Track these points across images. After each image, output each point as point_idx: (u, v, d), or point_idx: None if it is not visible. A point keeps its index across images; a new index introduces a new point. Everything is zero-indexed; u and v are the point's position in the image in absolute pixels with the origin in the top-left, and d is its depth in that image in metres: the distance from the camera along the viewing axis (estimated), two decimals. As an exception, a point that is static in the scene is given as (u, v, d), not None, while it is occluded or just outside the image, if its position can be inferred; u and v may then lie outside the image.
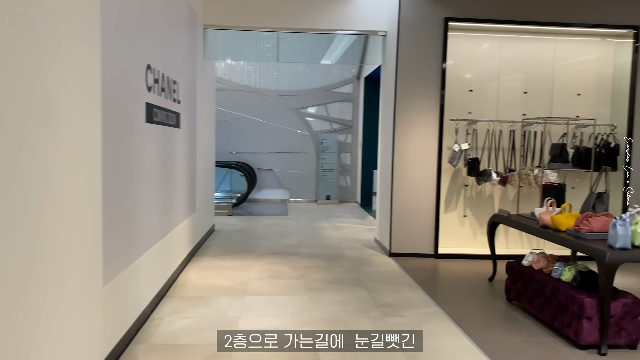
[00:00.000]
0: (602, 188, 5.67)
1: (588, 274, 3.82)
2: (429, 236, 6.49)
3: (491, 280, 5.40)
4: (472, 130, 6.60)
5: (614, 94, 6.70)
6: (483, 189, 6.76)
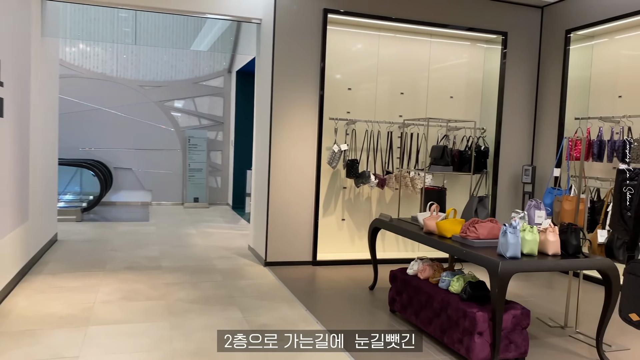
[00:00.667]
0: (480, 191, 5.69)
1: (477, 285, 3.61)
2: (308, 242, 6.04)
3: (372, 289, 5.09)
4: (352, 131, 6.29)
5: (484, 99, 6.84)
6: (361, 191, 6.50)
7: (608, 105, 6.00)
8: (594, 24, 6.01)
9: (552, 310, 4.55)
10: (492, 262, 3.29)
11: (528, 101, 6.78)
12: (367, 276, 5.52)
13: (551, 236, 3.49)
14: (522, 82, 6.72)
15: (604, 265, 3.47)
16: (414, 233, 4.31)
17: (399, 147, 6.49)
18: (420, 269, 4.13)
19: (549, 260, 3.39)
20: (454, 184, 6.77)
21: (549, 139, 6.56)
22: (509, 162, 6.71)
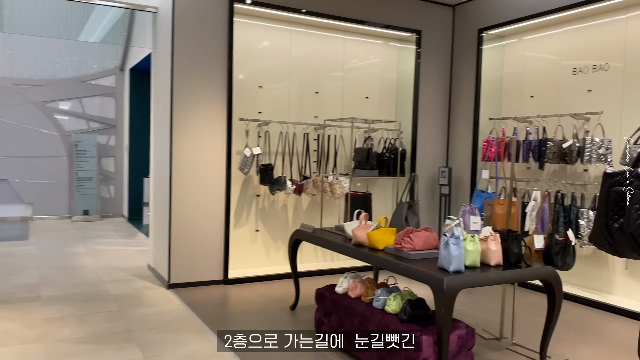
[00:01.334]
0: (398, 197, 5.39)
1: (417, 303, 3.23)
2: (218, 258, 5.39)
3: (294, 309, 4.58)
4: (264, 133, 5.74)
5: (399, 99, 6.60)
6: (276, 199, 5.96)
7: (521, 106, 6.00)
8: (504, 23, 5.98)
9: (484, 319, 4.33)
10: (435, 278, 2.92)
11: (442, 102, 6.65)
12: (286, 293, 5.01)
13: (493, 245, 3.20)
14: (437, 82, 6.58)
15: (547, 274, 3.24)
16: (341, 245, 3.86)
17: (315, 150, 6.05)
18: (350, 286, 3.69)
19: (494, 273, 3.10)
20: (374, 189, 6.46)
21: (464, 140, 6.47)
22: (425, 164, 6.53)
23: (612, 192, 2.00)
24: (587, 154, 4.93)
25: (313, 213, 6.15)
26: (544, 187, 5.42)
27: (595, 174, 5.21)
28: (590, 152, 4.92)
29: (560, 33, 5.59)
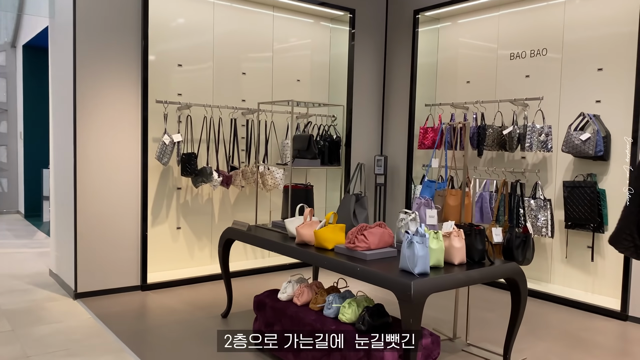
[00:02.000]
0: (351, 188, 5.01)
1: (376, 311, 2.84)
2: (134, 261, 4.72)
3: (226, 316, 4.05)
4: (186, 118, 5.10)
5: (332, 83, 6.20)
6: (200, 192, 5.35)
7: (456, 91, 5.82)
8: (440, 5, 5.74)
9: (434, 318, 4.05)
10: (401, 283, 2.54)
11: (377, 87, 6.33)
12: (216, 298, 4.47)
13: (457, 242, 2.88)
14: (371, 66, 6.25)
15: (513, 272, 2.98)
16: (282, 246, 3.39)
17: (244, 137, 5.49)
18: (296, 292, 3.23)
19: (461, 273, 2.77)
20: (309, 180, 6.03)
21: (400, 127, 6.20)
22: (360, 152, 6.19)
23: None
24: (528, 141, 4.81)
25: (242, 207, 5.61)
26: (482, 175, 5.27)
27: (534, 162, 5.12)
28: (531, 139, 4.80)
29: (497, 17, 5.44)
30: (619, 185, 4.50)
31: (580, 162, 4.76)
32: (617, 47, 4.51)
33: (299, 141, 3.98)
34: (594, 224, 4.50)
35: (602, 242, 4.60)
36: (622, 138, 4.48)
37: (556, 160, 4.94)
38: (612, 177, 4.56)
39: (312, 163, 3.90)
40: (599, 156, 4.47)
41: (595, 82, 4.67)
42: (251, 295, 4.56)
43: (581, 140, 4.47)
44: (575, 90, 4.80)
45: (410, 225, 3.19)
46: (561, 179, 4.88)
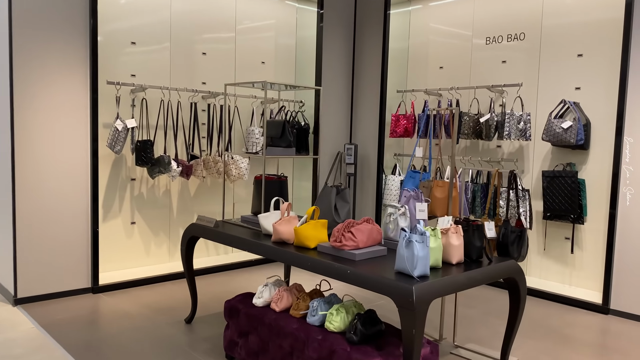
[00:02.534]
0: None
1: (368, 318, 2.53)
2: (83, 260, 4.23)
3: (189, 322, 3.66)
4: (141, 101, 4.61)
5: (299, 68, 5.82)
6: (157, 183, 4.89)
7: (429, 77, 5.57)
8: (412, -14, 5.47)
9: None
10: (401, 289, 2.24)
11: (346, 71, 6.01)
12: (177, 300, 4.07)
13: (455, 239, 2.61)
14: (340, 49, 5.91)
15: (513, 270, 2.75)
16: (257, 244, 3.02)
17: (204, 123, 5.05)
18: (274, 297, 2.88)
19: (462, 275, 2.50)
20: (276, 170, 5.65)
21: (370, 114, 5.91)
22: (329, 140, 5.87)
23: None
24: (507, 129, 4.62)
25: (203, 200, 5.19)
26: (457, 165, 5.07)
27: (510, 150, 4.95)
28: (509, 127, 4.61)
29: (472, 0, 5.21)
30: (599, 175, 4.38)
31: (558, 151, 4.62)
32: (598, 33, 4.37)
33: (271, 128, 3.61)
34: (573, 215, 4.37)
35: (581, 233, 4.49)
36: (602, 126, 4.36)
37: (533, 149, 4.79)
38: (591, 166, 4.44)
39: (287, 152, 3.55)
40: (579, 145, 4.33)
41: (575, 69, 4.52)
42: (216, 296, 4.20)
43: (562, 129, 4.31)
44: (554, 76, 4.64)
45: (400, 220, 2.91)
46: (538, 168, 4.73)
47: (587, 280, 4.47)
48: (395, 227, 2.92)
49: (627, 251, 4.07)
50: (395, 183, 5.39)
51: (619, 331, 3.79)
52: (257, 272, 5.09)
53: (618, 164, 4.08)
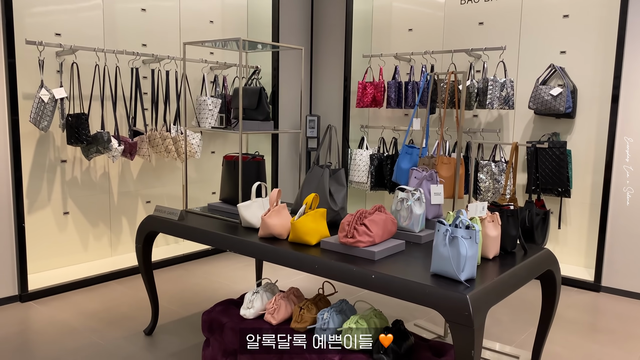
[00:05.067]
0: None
1: (398, 332, 2.06)
2: (7, 263, 3.44)
3: (150, 333, 3.04)
4: (71, 66, 3.78)
5: (251, 29, 5.13)
6: (93, 164, 4.11)
7: (396, 41, 5.10)
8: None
9: (411, 309, 3.40)
10: (452, 298, 1.77)
11: (304, 33, 5.40)
12: (127, 305, 3.42)
13: (492, 229, 2.18)
14: (297, 9, 5.27)
15: (551, 261, 2.37)
16: (242, 242, 2.44)
17: (146, 92, 4.30)
18: (268, 307, 2.33)
19: (510, 274, 2.07)
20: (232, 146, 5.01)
21: (333, 82, 5.37)
22: (288, 111, 5.28)
23: None
24: (490, 97, 4.25)
25: (148, 182, 4.48)
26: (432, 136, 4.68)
27: (488, 120, 4.62)
28: (492, 95, 4.25)
29: (447, -46, 4.75)
30: (585, 146, 4.14)
31: (540, 120, 4.34)
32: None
33: (247, 97, 2.98)
34: (561, 189, 4.12)
35: (568, 207, 4.27)
36: (589, 93, 4.10)
37: (514, 118, 4.48)
38: (577, 136, 4.19)
39: (265, 126, 2.95)
40: (566, 113, 4.05)
41: (560, 31, 4.21)
42: (175, 297, 3.57)
43: (552, 96, 4.00)
44: (537, 39, 4.31)
45: (415, 207, 2.44)
46: (519, 139, 4.44)
47: (574, 257, 4.27)
48: (408, 214, 2.45)
49: (618, 227, 3.87)
50: (363, 158, 4.93)
51: (615, 310, 3.60)
52: (216, 262, 4.49)
53: (613, 135, 3.84)
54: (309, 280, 3.96)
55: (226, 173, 3.04)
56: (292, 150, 5.39)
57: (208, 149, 4.85)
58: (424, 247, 2.36)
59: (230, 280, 4.04)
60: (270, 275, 3.86)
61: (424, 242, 2.42)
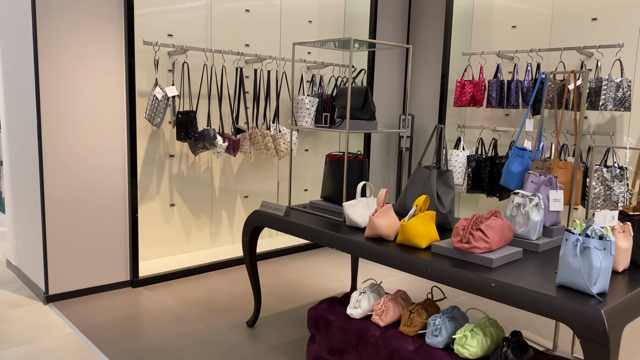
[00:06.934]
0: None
1: (517, 343, 1.97)
2: (122, 250, 3.68)
3: (252, 325, 3.13)
4: (182, 66, 3.98)
5: (348, 28, 5.14)
6: (197, 160, 4.31)
7: (498, 39, 4.89)
8: None
9: (511, 317, 3.26)
10: (585, 313, 1.67)
11: (400, 31, 5.33)
12: (228, 296, 3.53)
13: (623, 240, 2.03)
14: (394, 6, 5.22)
15: (688, 278, 2.17)
16: (348, 241, 2.45)
17: (247, 91, 4.43)
18: (376, 308, 2.32)
19: (644, 288, 1.92)
20: (316, 145, 5.06)
21: (429, 81, 5.26)
22: (381, 111, 5.25)
23: None
24: (603, 98, 3.97)
25: (247, 178, 4.62)
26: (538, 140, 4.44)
27: (598, 122, 4.32)
28: (606, 95, 3.97)
29: (558, -54, 4.49)
30: None
31: (661, 123, 3.99)
32: None
33: (352, 96, 2.98)
34: (684, 198, 3.76)
35: (691, 218, 3.89)
36: None
37: (629, 120, 4.15)
38: None
39: (369, 125, 2.94)
40: (693, 116, 3.69)
41: (688, 26, 3.84)
42: (273, 291, 3.64)
43: (678, 97, 3.66)
44: (661, 35, 3.97)
45: (532, 213, 2.32)
46: (636, 142, 4.11)
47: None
48: (525, 221, 2.33)
49: None
50: (460, 159, 4.78)
51: None
52: (309, 259, 4.55)
53: None
54: (404, 282, 3.91)
55: (329, 171, 3.06)
56: (383, 150, 5.35)
57: (302, 147, 4.92)
58: (541, 256, 2.24)
59: (324, 277, 4.07)
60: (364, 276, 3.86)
61: (541, 250, 2.30)
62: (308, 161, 4.96)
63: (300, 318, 3.25)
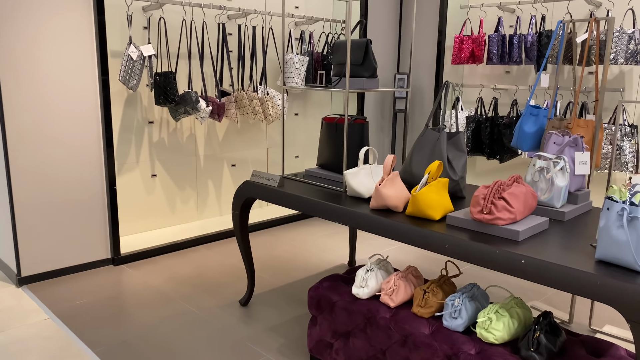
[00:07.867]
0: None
1: (548, 326, 1.76)
2: (100, 225, 3.39)
3: (246, 304, 2.90)
4: (158, 21, 3.61)
5: (339, -22, 4.76)
6: (179, 126, 3.99)
7: (500, -10, 4.57)
8: None
9: (526, 289, 3.07)
10: (636, 293, 1.45)
11: (394, -16, 4.97)
12: (218, 272, 3.29)
13: (665, 207, 1.80)
14: (388, -45, 4.84)
15: None
16: (352, 214, 2.19)
17: (231, 50, 4.08)
18: (384, 287, 2.08)
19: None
20: (305, 107, 4.75)
21: (425, 37, 4.93)
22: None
23: None
24: (614, 51, 3.71)
25: (234, 145, 4.32)
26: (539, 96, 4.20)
27: (609, 78, 4.07)
28: (617, 48, 3.70)
29: None
30: None
31: (674, 77, 3.75)
32: None
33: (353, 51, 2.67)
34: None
35: None
36: None
37: (639, 76, 3.91)
38: None
39: (371, 84, 2.65)
40: None
41: None
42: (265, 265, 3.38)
43: (695, 49, 3.42)
44: (677, -18, 3.69)
45: (557, 178, 2.08)
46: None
47: None
48: (548, 186, 2.10)
49: None
50: (458, 120, 4.52)
51: None
52: (301, 229, 4.32)
53: None
54: (405, 253, 3.70)
55: (326, 136, 2.78)
56: (377, 112, 5.06)
57: (291, 110, 4.61)
58: (567, 225, 2.02)
59: (319, 249, 3.84)
60: (360, 247, 3.63)
61: (567, 219, 2.08)
62: (298, 126, 4.66)
63: (297, 294, 3.03)
